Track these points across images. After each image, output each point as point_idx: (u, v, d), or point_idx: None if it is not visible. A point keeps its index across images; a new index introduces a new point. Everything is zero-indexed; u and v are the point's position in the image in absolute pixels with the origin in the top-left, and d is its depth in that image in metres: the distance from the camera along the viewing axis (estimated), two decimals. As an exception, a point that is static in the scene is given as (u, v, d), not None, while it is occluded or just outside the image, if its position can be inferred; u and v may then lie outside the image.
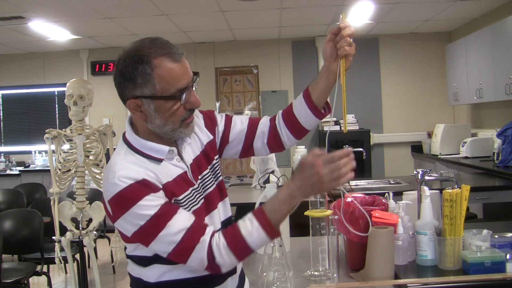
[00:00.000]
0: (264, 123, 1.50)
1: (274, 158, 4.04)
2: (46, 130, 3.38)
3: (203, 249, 1.19)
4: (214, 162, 1.43)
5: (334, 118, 6.56)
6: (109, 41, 6.67)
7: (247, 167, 6.91)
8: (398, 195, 1.92)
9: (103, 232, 4.83)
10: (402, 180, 4.06)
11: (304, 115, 1.43)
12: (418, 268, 1.64)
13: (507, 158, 4.46)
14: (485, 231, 1.60)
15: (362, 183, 4.13)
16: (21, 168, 6.83)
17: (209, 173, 1.39)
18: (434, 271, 1.60)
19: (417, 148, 6.81)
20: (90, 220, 3.43)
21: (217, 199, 1.40)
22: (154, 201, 1.18)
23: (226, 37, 6.82)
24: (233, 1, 4.84)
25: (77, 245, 3.66)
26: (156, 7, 4.94)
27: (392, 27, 6.51)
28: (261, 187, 3.88)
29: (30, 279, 3.64)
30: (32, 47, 6.81)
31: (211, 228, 1.24)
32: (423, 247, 1.64)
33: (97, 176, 3.43)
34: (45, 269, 3.86)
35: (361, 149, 3.93)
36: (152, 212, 1.17)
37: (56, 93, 7.26)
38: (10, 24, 5.35)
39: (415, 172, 1.93)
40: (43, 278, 3.92)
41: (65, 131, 3.38)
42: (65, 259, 3.49)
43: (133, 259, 1.32)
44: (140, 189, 1.18)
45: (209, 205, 1.35)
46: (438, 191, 1.82)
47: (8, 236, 3.65)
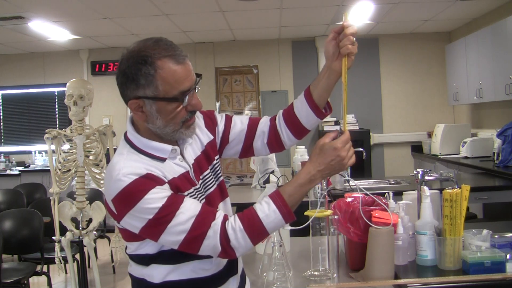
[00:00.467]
0: (264, 123, 1.49)
1: (274, 158, 4.04)
2: (46, 130, 3.37)
3: (215, 235, 1.19)
4: (215, 162, 1.43)
5: (334, 118, 6.57)
6: (109, 41, 6.67)
7: (247, 167, 6.91)
8: (398, 195, 1.92)
9: (103, 232, 4.83)
10: (402, 180, 4.06)
11: (305, 115, 1.43)
12: (418, 268, 1.64)
13: (507, 158, 4.46)
14: (485, 231, 1.60)
15: (362, 183, 4.12)
16: (21, 168, 6.83)
17: (210, 173, 1.39)
18: (434, 271, 1.59)
19: (417, 148, 6.81)
20: (90, 220, 3.43)
21: (218, 199, 1.40)
22: (160, 193, 1.17)
23: (226, 37, 6.82)
24: (233, 1, 4.84)
25: (77, 245, 3.66)
26: (156, 7, 4.94)
27: (392, 27, 6.51)
28: (261, 187, 3.88)
29: (30, 279, 3.64)
30: (32, 47, 6.81)
31: (221, 213, 1.24)
32: (423, 247, 1.64)
33: (97, 176, 3.43)
34: (45, 269, 3.86)
35: (361, 149, 3.93)
36: (160, 205, 1.16)
37: (56, 93, 7.26)
38: (10, 24, 5.35)
39: (415, 172, 1.93)
40: (43, 278, 3.92)
41: (65, 131, 3.38)
42: (65, 259, 3.48)
43: (134, 259, 1.32)
44: (145, 183, 1.17)
45: (210, 206, 1.35)
46: (438, 191, 1.82)
47: (8, 236, 3.65)
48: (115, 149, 1.33)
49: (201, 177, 1.36)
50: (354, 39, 1.29)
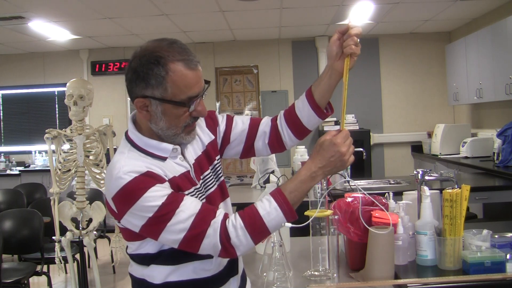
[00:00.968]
0: (266, 123, 1.50)
1: (274, 158, 4.04)
2: (46, 130, 3.37)
3: (215, 233, 1.18)
4: (216, 163, 1.43)
5: (335, 118, 6.57)
6: (109, 41, 6.67)
7: (247, 167, 6.91)
8: (398, 195, 1.92)
9: (103, 232, 4.83)
10: (402, 180, 4.06)
11: (307, 115, 1.43)
12: (418, 268, 1.64)
13: (507, 158, 4.46)
14: (485, 231, 1.60)
15: (362, 183, 4.13)
16: (21, 168, 6.83)
17: (211, 174, 1.39)
18: (434, 271, 1.59)
19: (417, 148, 6.81)
20: (90, 220, 3.43)
21: (219, 200, 1.40)
22: (160, 192, 1.17)
23: (226, 37, 6.82)
24: (233, 1, 4.84)
25: (77, 245, 3.66)
26: (156, 7, 4.94)
27: (392, 27, 6.51)
28: (261, 187, 3.88)
29: (30, 279, 3.64)
30: (32, 47, 6.81)
31: (222, 211, 1.23)
32: (423, 247, 1.64)
33: (97, 176, 3.43)
34: (45, 269, 3.86)
35: (361, 149, 3.93)
36: (159, 203, 1.16)
37: (56, 93, 7.26)
38: (10, 24, 5.35)
39: (415, 172, 1.93)
40: (43, 278, 3.92)
41: (65, 131, 3.38)
42: (65, 259, 3.48)
43: (135, 259, 1.32)
44: (145, 181, 1.17)
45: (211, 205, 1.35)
46: (438, 191, 1.81)
47: (8, 236, 3.65)
48: (115, 149, 1.33)
49: (202, 177, 1.35)
50: (358, 40, 1.30)
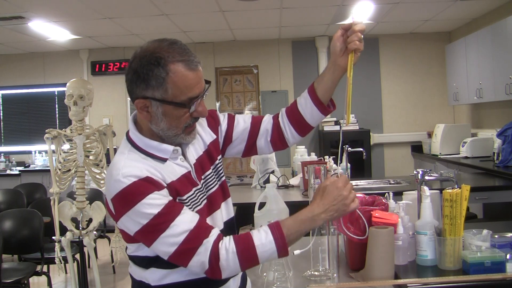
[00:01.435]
0: (267, 121, 1.50)
1: (274, 158, 4.04)
2: (46, 130, 3.37)
3: (206, 252, 1.18)
4: (217, 162, 1.43)
5: (334, 118, 6.57)
6: (109, 41, 6.67)
7: (247, 167, 6.91)
8: (398, 195, 1.92)
9: (103, 232, 4.83)
10: (402, 180, 4.06)
11: (310, 112, 1.44)
12: (418, 268, 1.64)
13: (507, 158, 4.46)
14: (485, 231, 1.60)
15: (362, 183, 4.13)
16: (21, 168, 6.83)
17: (212, 173, 1.39)
18: (434, 271, 1.59)
19: (417, 148, 6.81)
20: (90, 220, 3.43)
21: (220, 199, 1.40)
22: (158, 200, 1.17)
23: (226, 37, 6.82)
24: (233, 1, 4.84)
25: (77, 245, 3.66)
26: (156, 7, 4.94)
27: (392, 27, 6.51)
28: (261, 187, 3.88)
29: (30, 279, 3.64)
30: (32, 47, 6.81)
31: (216, 231, 1.23)
32: (423, 247, 1.64)
33: (97, 176, 3.43)
34: (45, 269, 3.86)
35: (361, 149, 3.93)
36: (156, 211, 1.16)
37: (56, 93, 7.26)
38: (10, 24, 5.35)
39: (415, 172, 1.93)
40: (43, 278, 3.92)
41: (65, 131, 3.38)
42: (65, 259, 3.48)
43: (134, 260, 1.32)
44: (144, 186, 1.17)
45: (212, 206, 1.35)
46: (438, 191, 1.81)
47: (8, 236, 3.65)
48: (115, 149, 1.33)
49: (203, 177, 1.35)
50: (362, 36, 1.32)
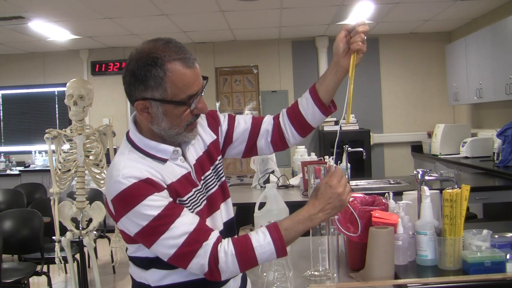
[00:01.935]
0: (268, 122, 1.50)
1: (274, 158, 4.04)
2: (46, 130, 3.37)
3: (205, 254, 1.18)
4: (217, 163, 1.42)
5: (334, 118, 6.57)
6: (109, 41, 6.67)
7: (247, 167, 6.91)
8: (398, 195, 1.92)
9: (103, 232, 4.83)
10: (402, 180, 4.06)
11: (311, 112, 1.44)
12: (418, 268, 1.64)
13: (507, 158, 4.46)
14: (485, 231, 1.60)
15: (362, 183, 4.13)
16: (21, 168, 6.83)
17: (212, 174, 1.39)
18: (434, 271, 1.59)
19: (417, 148, 6.81)
20: (90, 220, 3.43)
21: (220, 200, 1.40)
22: (158, 202, 1.17)
23: (226, 37, 6.82)
24: (233, 1, 4.84)
25: (77, 245, 3.66)
26: (156, 7, 4.94)
27: (392, 27, 6.51)
28: (261, 187, 3.88)
29: (30, 279, 3.64)
30: (32, 47, 6.81)
31: (216, 233, 1.23)
32: (423, 247, 1.64)
33: (97, 176, 3.43)
34: (45, 269, 3.86)
35: (361, 149, 3.93)
36: (156, 213, 1.16)
37: (56, 93, 7.26)
38: (10, 24, 5.35)
39: (415, 172, 1.93)
40: (43, 278, 3.92)
41: (65, 131, 3.38)
42: (65, 259, 3.48)
43: (134, 261, 1.32)
44: (144, 188, 1.17)
45: (212, 206, 1.35)
46: (438, 191, 1.81)
47: (8, 236, 3.65)
48: (115, 149, 1.33)
49: (203, 178, 1.35)
50: (365, 37, 1.32)
